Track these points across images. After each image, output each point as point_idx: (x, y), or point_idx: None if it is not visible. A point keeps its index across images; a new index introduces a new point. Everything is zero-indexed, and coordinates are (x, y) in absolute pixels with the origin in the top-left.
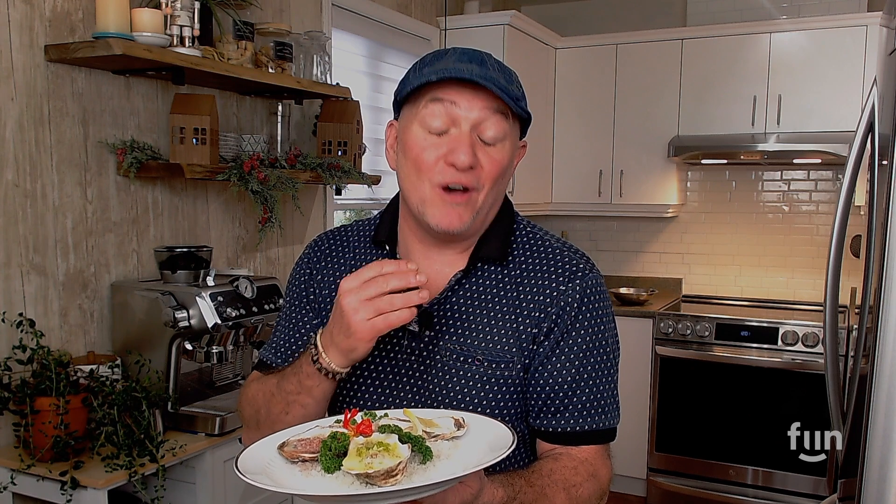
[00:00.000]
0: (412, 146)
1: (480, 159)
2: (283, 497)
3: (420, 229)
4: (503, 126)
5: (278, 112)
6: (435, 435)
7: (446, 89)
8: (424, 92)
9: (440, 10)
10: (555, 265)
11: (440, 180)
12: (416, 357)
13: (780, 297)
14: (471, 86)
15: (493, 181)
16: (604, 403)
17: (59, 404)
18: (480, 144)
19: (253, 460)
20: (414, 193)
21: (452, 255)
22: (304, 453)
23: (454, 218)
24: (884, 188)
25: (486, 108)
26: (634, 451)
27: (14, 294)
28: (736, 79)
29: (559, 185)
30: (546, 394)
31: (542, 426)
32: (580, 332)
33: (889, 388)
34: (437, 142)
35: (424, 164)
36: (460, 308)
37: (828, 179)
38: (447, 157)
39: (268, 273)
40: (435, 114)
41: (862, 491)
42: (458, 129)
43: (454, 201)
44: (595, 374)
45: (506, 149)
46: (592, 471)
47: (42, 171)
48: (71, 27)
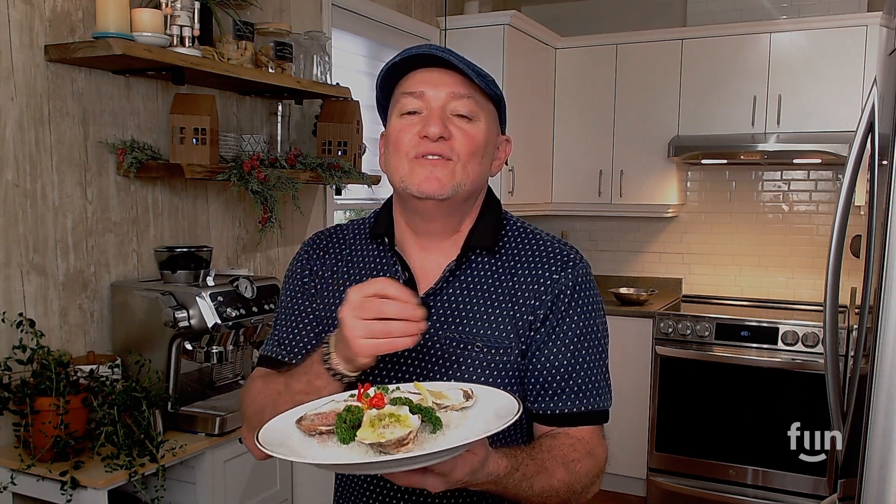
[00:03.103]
0: (392, 132)
1: (453, 132)
2: (283, 498)
3: (413, 220)
4: (471, 104)
5: (278, 112)
6: (445, 406)
7: (414, 82)
8: (398, 88)
9: (440, 10)
10: (547, 255)
11: (416, 152)
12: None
13: (780, 297)
14: (437, 71)
15: (468, 154)
16: (598, 385)
17: (59, 404)
18: (453, 120)
19: (272, 435)
20: (396, 172)
21: (445, 245)
22: (321, 426)
23: (433, 181)
24: (884, 188)
25: (454, 87)
26: (634, 451)
27: (14, 294)
28: (736, 79)
29: (559, 185)
30: (543, 377)
31: (540, 409)
32: (574, 318)
33: (889, 388)
34: (412, 122)
35: (402, 144)
36: (456, 297)
37: (828, 179)
38: (420, 132)
39: (268, 273)
40: (408, 102)
41: (862, 491)
42: (429, 107)
43: (430, 165)
44: (589, 358)
45: (480, 127)
46: (589, 448)
47: (42, 171)
48: (71, 27)
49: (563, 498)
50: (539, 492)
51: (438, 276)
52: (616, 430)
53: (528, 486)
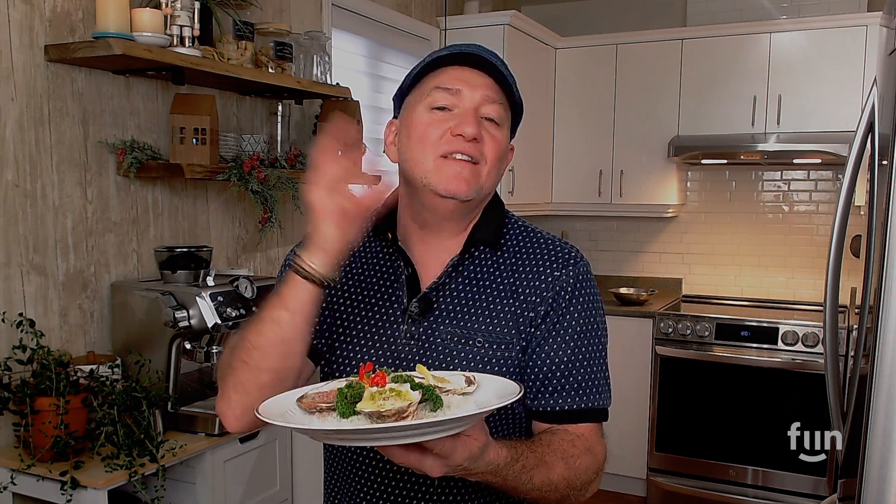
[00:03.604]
0: (417, 125)
1: (484, 135)
2: (283, 498)
3: (421, 215)
4: (501, 110)
5: (278, 112)
6: (447, 390)
7: (451, 77)
8: (429, 81)
9: (440, 10)
10: (549, 252)
11: (446, 149)
12: (415, 341)
13: (780, 297)
14: (474, 71)
15: (494, 159)
16: (598, 383)
17: (59, 404)
18: (483, 123)
19: (272, 409)
20: (419, 167)
21: (448, 241)
22: (322, 403)
23: (461, 182)
24: (884, 188)
25: (488, 90)
26: (634, 451)
27: (14, 294)
28: (736, 79)
29: (559, 185)
30: (544, 374)
31: (540, 406)
32: (574, 315)
33: (889, 388)
34: (444, 117)
35: (430, 139)
36: (459, 292)
37: (828, 179)
38: (454, 129)
39: (268, 273)
40: (440, 97)
41: (862, 491)
42: (463, 106)
43: (459, 165)
44: (589, 355)
45: (504, 133)
46: (588, 446)
47: (42, 171)
48: (71, 27)
49: (563, 493)
50: (538, 485)
51: (440, 270)
52: (616, 430)
53: (528, 478)
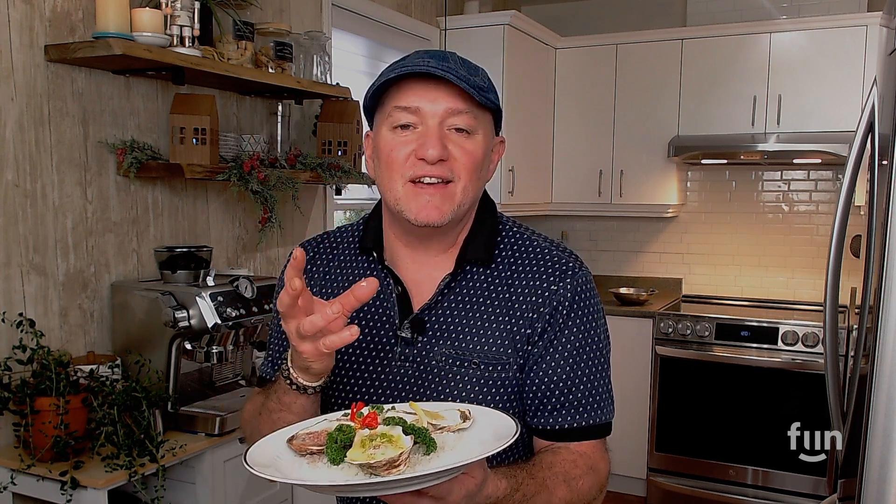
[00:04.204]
0: (383, 147)
1: (452, 151)
2: (283, 498)
3: (405, 234)
4: (470, 119)
5: (278, 112)
6: (440, 427)
7: (408, 95)
8: (390, 98)
9: (440, 10)
10: (544, 265)
11: (411, 174)
12: (409, 363)
13: (780, 297)
14: (433, 82)
15: (469, 172)
16: (599, 399)
17: (59, 404)
18: (451, 137)
19: (263, 454)
20: (390, 193)
21: (439, 258)
22: (312, 446)
23: (432, 210)
24: (884, 188)
25: (451, 101)
26: (634, 451)
27: (14, 294)
28: (736, 79)
29: (559, 185)
30: (542, 392)
31: (540, 424)
32: (573, 330)
33: (889, 388)
34: (407, 138)
35: (396, 162)
36: (452, 312)
37: (828, 179)
38: (417, 152)
39: (268, 273)
40: (401, 116)
41: (862, 491)
42: (426, 124)
43: (428, 193)
44: (589, 371)
45: (478, 141)
46: (591, 464)
47: (42, 171)
48: (71, 27)
49: None
50: None
51: (433, 289)
52: (616, 430)
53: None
